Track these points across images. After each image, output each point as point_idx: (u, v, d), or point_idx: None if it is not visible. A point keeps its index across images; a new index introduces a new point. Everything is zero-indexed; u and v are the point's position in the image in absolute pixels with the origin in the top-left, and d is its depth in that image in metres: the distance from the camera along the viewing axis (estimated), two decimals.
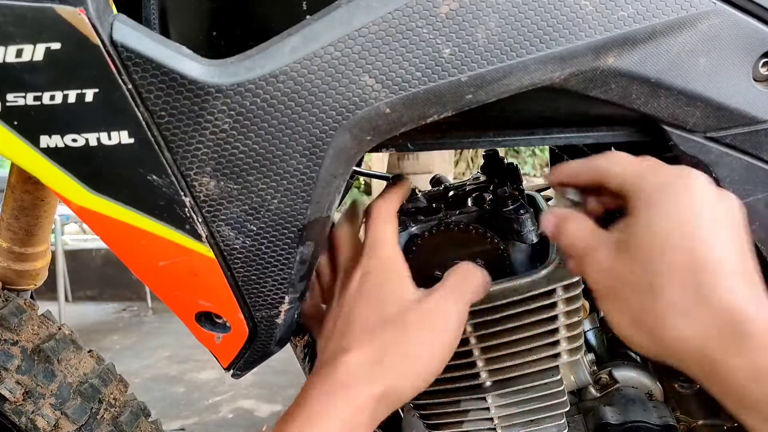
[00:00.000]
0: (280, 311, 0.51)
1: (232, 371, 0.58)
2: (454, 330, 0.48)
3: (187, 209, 0.45)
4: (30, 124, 0.41)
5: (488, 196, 0.66)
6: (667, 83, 0.45)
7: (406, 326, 0.47)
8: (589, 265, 0.44)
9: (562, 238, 0.48)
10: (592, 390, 0.75)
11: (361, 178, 5.28)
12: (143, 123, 0.41)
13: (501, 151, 0.76)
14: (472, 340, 0.58)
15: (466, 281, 0.51)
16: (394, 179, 0.77)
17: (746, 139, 0.48)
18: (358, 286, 0.50)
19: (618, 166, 0.45)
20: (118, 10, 0.41)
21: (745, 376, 0.36)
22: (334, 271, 0.55)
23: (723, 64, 0.46)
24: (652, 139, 0.51)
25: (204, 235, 0.46)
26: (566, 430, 0.64)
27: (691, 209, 0.40)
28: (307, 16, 0.43)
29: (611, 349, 0.80)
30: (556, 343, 0.58)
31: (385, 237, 0.51)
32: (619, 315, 0.43)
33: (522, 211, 0.59)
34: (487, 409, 0.62)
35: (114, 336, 3.45)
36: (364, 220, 0.55)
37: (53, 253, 1.06)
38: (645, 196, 0.42)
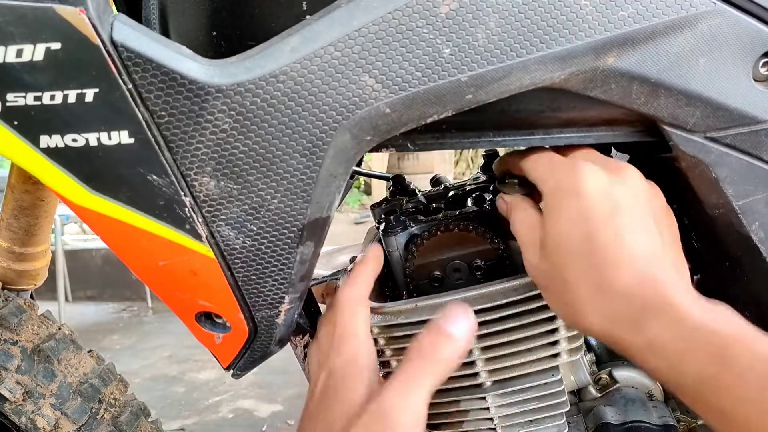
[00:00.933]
0: (280, 311, 0.51)
1: (232, 371, 0.58)
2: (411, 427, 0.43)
3: (187, 209, 0.45)
4: (30, 124, 0.41)
5: (488, 196, 0.66)
6: (667, 83, 0.45)
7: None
8: (525, 259, 0.48)
9: (512, 226, 0.50)
10: (592, 390, 0.75)
11: (361, 178, 5.28)
12: (143, 123, 0.41)
13: (501, 151, 0.76)
14: (472, 340, 0.58)
15: (430, 359, 0.45)
16: (393, 179, 0.77)
17: (746, 139, 0.48)
18: (320, 389, 0.48)
19: (532, 164, 0.49)
20: (118, 10, 0.41)
21: (642, 351, 0.41)
22: (318, 363, 0.53)
23: (723, 64, 0.46)
24: (652, 139, 0.51)
25: (204, 235, 0.46)
26: (566, 430, 0.64)
27: (579, 209, 0.43)
28: (307, 16, 0.43)
29: (611, 349, 0.79)
30: (556, 343, 0.58)
31: (354, 329, 0.49)
32: (552, 304, 0.48)
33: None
34: (487, 409, 0.62)
35: (114, 336, 3.45)
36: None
37: (53, 253, 1.06)
38: (547, 199, 0.46)
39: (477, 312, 0.57)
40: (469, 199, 0.68)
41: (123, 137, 0.41)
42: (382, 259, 0.56)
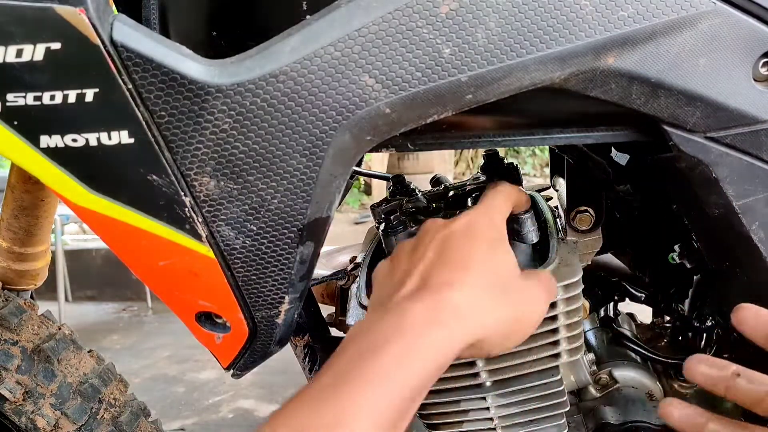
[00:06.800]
0: (280, 311, 0.51)
1: (232, 371, 0.58)
2: (539, 318, 0.49)
3: (187, 209, 0.45)
4: (30, 124, 0.41)
5: None
6: (667, 83, 0.45)
7: (512, 289, 0.47)
8: None
9: None
10: (592, 390, 0.75)
11: (361, 178, 5.28)
12: (143, 123, 0.41)
13: (501, 151, 0.76)
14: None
15: (503, 191, 0.53)
16: (393, 179, 0.77)
17: (746, 139, 0.48)
18: (466, 228, 0.48)
19: None
20: (118, 10, 0.41)
21: None
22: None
23: (723, 64, 0.46)
24: (652, 139, 0.51)
25: (204, 235, 0.46)
26: (566, 430, 0.64)
27: None
28: (307, 16, 0.43)
29: (611, 349, 0.79)
30: (556, 343, 0.58)
31: (499, 208, 0.51)
32: None
33: (522, 211, 0.58)
34: (487, 409, 0.62)
35: (114, 336, 3.45)
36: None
37: (53, 253, 1.06)
38: None
39: None
40: (469, 199, 0.68)
41: (123, 137, 0.41)
42: (528, 204, 0.58)
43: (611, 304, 0.86)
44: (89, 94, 0.40)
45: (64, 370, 0.78)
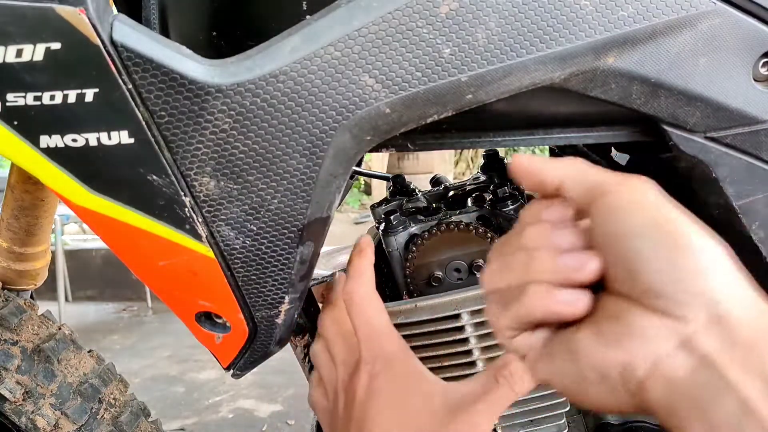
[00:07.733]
0: (280, 311, 0.51)
1: (232, 371, 0.58)
2: None
3: (187, 209, 0.45)
4: (30, 124, 0.41)
5: (488, 196, 0.66)
6: (667, 83, 0.45)
7: None
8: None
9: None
10: None
11: (361, 178, 5.28)
12: (143, 123, 0.41)
13: (501, 151, 0.76)
14: (472, 340, 0.58)
15: (507, 391, 0.44)
16: (393, 179, 0.77)
17: (746, 139, 0.48)
18: (367, 390, 0.45)
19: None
20: (118, 10, 0.41)
21: None
22: (333, 363, 0.51)
23: (723, 64, 0.46)
24: (652, 139, 0.51)
25: (204, 235, 0.46)
26: (566, 430, 0.64)
27: None
28: (307, 16, 0.43)
29: None
30: None
31: (381, 324, 0.47)
32: None
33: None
34: None
35: (114, 336, 3.45)
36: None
37: (53, 253, 1.06)
38: None
39: (476, 312, 0.57)
40: (469, 199, 0.68)
41: (123, 137, 0.41)
42: (374, 247, 0.52)
43: None
44: (89, 94, 0.40)
45: (64, 370, 0.78)
